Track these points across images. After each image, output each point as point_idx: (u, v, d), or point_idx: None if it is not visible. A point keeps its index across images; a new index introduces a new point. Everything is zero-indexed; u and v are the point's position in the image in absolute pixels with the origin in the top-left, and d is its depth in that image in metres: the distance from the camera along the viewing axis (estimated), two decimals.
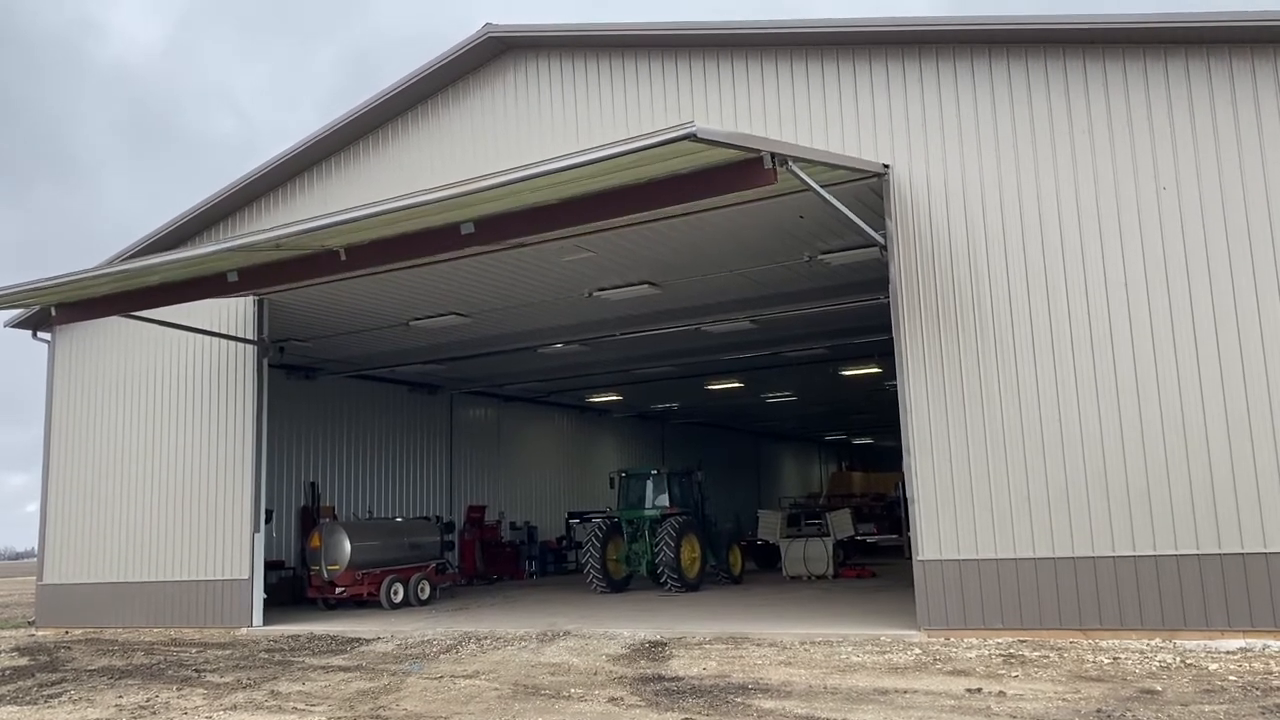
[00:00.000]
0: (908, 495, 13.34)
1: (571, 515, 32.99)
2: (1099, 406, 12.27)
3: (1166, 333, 12.06)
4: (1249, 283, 11.77)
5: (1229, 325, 11.81)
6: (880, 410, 35.24)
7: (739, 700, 9.46)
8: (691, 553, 21.98)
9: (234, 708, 10.48)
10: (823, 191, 11.75)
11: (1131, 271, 12.30)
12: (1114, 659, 10.72)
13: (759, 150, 10.53)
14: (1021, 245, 12.89)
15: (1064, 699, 8.93)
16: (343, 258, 13.40)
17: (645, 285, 18.38)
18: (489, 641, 14.46)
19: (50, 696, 11.90)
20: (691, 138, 9.54)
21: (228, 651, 15.20)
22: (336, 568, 21.09)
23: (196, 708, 10.60)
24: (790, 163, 10.83)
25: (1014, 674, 10.19)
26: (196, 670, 13.35)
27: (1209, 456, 11.72)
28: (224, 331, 18.80)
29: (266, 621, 18.31)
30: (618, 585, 22.67)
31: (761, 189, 12.92)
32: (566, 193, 11.62)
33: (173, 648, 16.20)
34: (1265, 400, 11.57)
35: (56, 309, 15.91)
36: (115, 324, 20.36)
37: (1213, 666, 10.15)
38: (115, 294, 15.28)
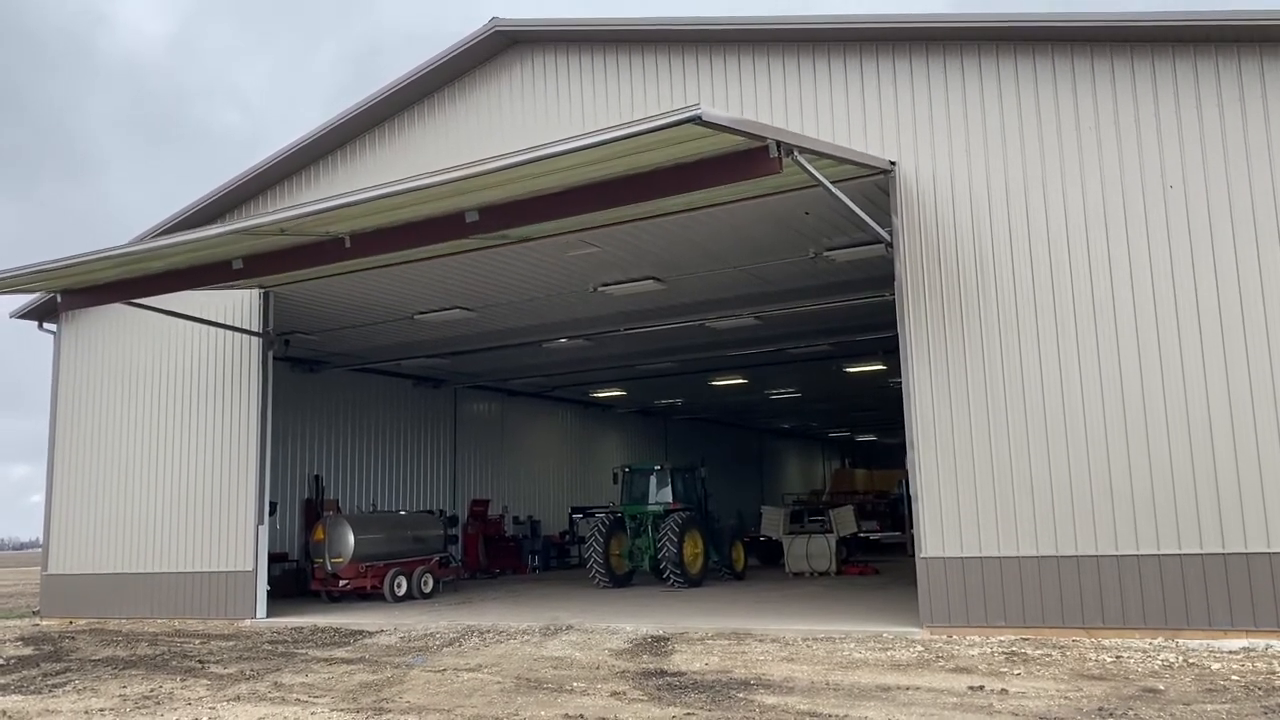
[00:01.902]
0: (911, 492, 13.34)
1: (575, 510, 33.03)
2: (1104, 404, 12.26)
3: (1172, 331, 12.04)
4: (1255, 281, 11.74)
5: (1235, 325, 11.78)
6: (884, 407, 35.24)
7: (741, 696, 9.46)
8: (694, 548, 22.00)
9: (237, 699, 10.50)
10: (828, 183, 11.73)
11: (1137, 268, 12.28)
12: (1116, 658, 10.72)
13: (764, 138, 10.49)
14: (1028, 242, 12.87)
15: (1066, 697, 8.93)
16: (347, 245, 13.39)
17: (650, 281, 18.37)
18: (492, 635, 14.49)
19: (54, 686, 11.94)
20: (696, 120, 9.50)
21: (231, 643, 15.24)
22: (340, 560, 21.14)
23: (200, 698, 10.63)
24: (796, 153, 10.79)
25: (1016, 672, 10.19)
26: (200, 661, 13.38)
27: (1213, 456, 11.70)
28: (229, 323, 18.83)
29: (270, 613, 18.36)
30: (620, 580, 22.70)
31: (768, 185, 12.95)
32: (571, 180, 11.57)
33: (176, 639, 16.24)
34: (1270, 400, 11.54)
35: (62, 295, 15.93)
36: (121, 316, 20.39)
37: (1215, 666, 10.14)
38: (120, 280, 15.29)
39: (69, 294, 15.89)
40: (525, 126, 16.44)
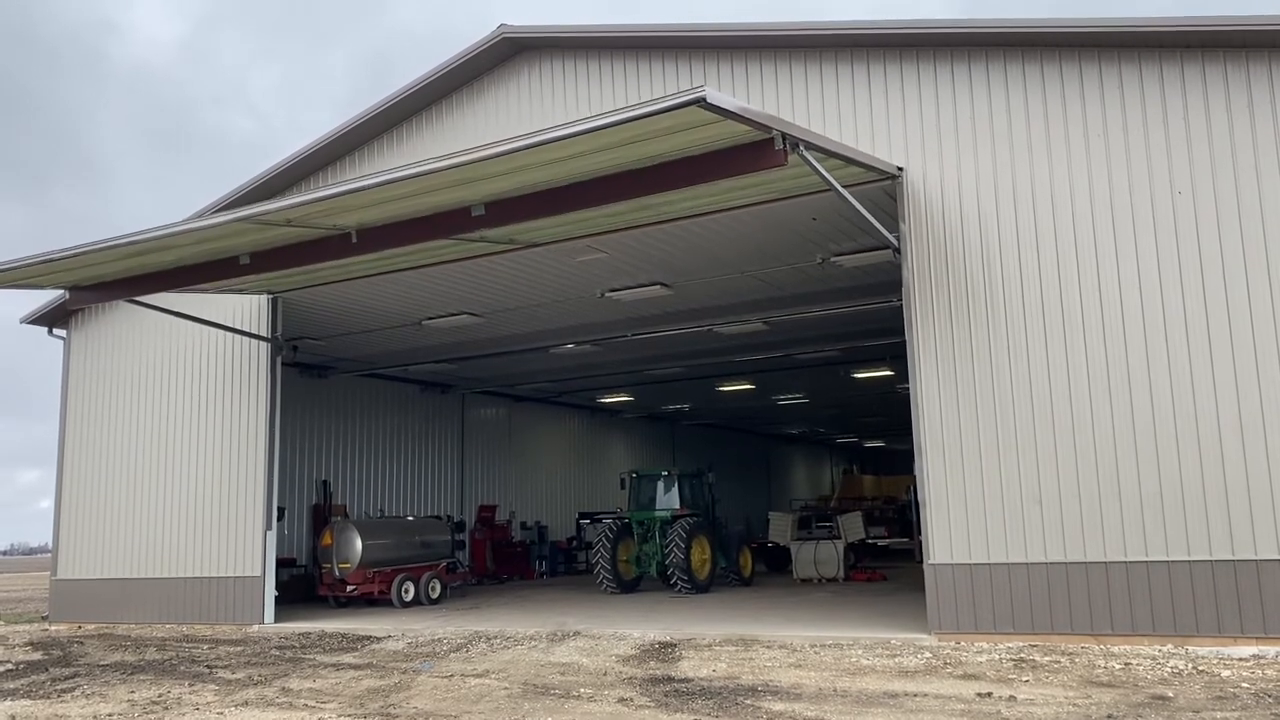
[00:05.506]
0: (920, 498, 13.32)
1: (582, 515, 33.03)
2: (1112, 411, 12.22)
3: (1181, 337, 12.00)
4: (1265, 286, 11.70)
5: (1244, 331, 11.74)
6: (892, 413, 35.19)
7: (748, 702, 9.45)
8: (702, 554, 21.97)
9: (245, 704, 10.52)
10: (836, 183, 11.70)
11: (1146, 274, 12.25)
12: (1125, 665, 10.68)
13: (770, 129, 10.42)
14: (1035, 248, 12.86)
15: (1075, 704, 8.90)
16: (354, 240, 13.42)
17: (657, 286, 18.39)
18: (499, 641, 14.49)
19: (63, 691, 11.97)
20: (701, 103, 9.43)
21: (239, 648, 15.26)
22: (348, 566, 21.16)
23: (208, 703, 10.65)
24: (802, 147, 10.75)
25: (1025, 679, 10.16)
26: (208, 666, 13.42)
27: (1223, 462, 11.66)
28: (238, 327, 18.88)
29: (278, 619, 18.39)
30: (628, 586, 22.69)
31: (777, 189, 12.95)
32: (575, 172, 11.52)
33: (185, 644, 16.28)
34: (1279, 408, 11.53)
35: (70, 291, 15.97)
36: (129, 322, 20.49)
37: (1225, 673, 10.10)
38: (128, 277, 15.31)
39: (77, 290, 15.92)
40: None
